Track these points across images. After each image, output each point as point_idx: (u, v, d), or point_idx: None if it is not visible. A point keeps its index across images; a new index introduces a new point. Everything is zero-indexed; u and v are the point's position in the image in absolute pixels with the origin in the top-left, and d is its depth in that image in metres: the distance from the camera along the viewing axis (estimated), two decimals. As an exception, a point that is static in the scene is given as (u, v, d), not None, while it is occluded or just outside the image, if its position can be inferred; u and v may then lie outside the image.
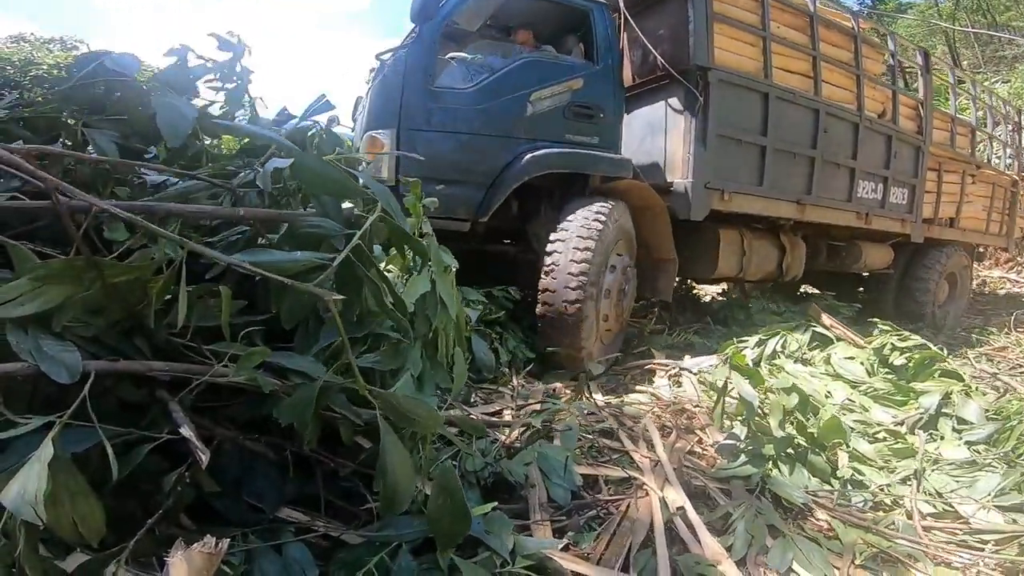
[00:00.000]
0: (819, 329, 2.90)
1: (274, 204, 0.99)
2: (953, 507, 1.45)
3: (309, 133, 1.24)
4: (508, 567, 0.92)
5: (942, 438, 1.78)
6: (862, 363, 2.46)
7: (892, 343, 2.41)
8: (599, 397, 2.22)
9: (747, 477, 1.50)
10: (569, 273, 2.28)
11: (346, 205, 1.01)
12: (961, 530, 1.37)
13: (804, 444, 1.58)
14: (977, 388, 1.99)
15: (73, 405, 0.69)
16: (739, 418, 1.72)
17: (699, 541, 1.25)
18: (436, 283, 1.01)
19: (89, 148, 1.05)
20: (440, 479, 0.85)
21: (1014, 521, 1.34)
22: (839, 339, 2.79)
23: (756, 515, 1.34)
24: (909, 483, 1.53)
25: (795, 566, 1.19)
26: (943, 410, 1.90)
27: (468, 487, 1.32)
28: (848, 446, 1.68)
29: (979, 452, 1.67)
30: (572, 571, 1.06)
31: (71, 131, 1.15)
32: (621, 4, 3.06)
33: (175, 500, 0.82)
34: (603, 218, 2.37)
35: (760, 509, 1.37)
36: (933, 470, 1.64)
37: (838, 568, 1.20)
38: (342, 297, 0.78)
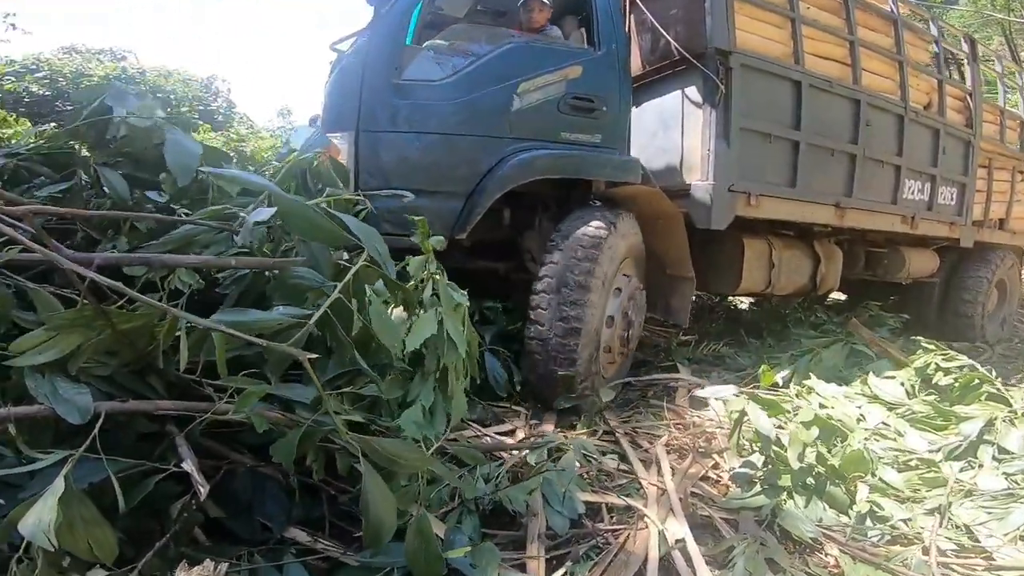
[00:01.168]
0: (859, 346, 2.97)
1: (276, 244, 1.08)
2: (979, 541, 1.49)
3: (314, 164, 1.33)
4: None
5: (980, 467, 1.82)
6: (902, 383, 2.53)
7: (936, 362, 2.34)
8: (613, 421, 2.30)
9: (757, 508, 1.57)
10: (560, 320, 2.10)
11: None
12: (981, 566, 1.41)
13: (823, 475, 1.67)
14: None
15: (85, 443, 0.80)
16: (757, 445, 1.70)
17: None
18: (444, 322, 1.09)
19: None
20: (416, 524, 0.94)
21: None
22: (879, 357, 2.85)
23: (759, 550, 1.39)
24: (934, 516, 1.57)
25: None
26: (985, 437, 1.94)
27: (467, 514, 1.42)
28: (873, 476, 1.73)
29: (1018, 483, 1.73)
30: None
31: (86, 166, 1.27)
32: None
33: (183, 524, 0.93)
34: (601, 241, 2.19)
35: (765, 542, 1.42)
36: (964, 501, 1.67)
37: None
38: (315, 356, 0.86)
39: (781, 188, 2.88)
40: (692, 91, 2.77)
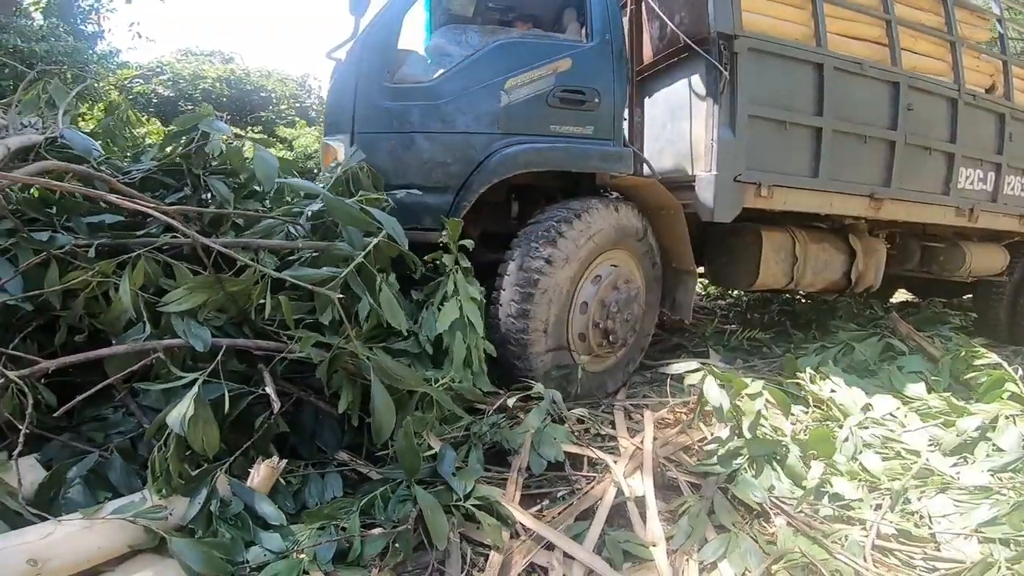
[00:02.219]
0: (894, 340, 3.15)
1: (328, 231, 1.65)
2: (931, 530, 1.69)
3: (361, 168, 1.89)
4: (461, 502, 1.55)
5: (974, 462, 2.06)
6: (926, 378, 2.77)
7: (966, 360, 2.40)
8: (620, 396, 2.76)
9: (717, 475, 1.92)
10: (512, 302, 2.35)
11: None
12: (918, 554, 1.61)
13: (783, 446, 1.99)
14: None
15: (207, 369, 1.36)
16: (728, 417, 2.03)
17: (645, 525, 1.71)
18: (464, 309, 1.63)
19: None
20: (404, 428, 1.42)
21: (990, 553, 1.53)
22: (914, 352, 3.07)
23: (710, 511, 1.76)
24: (887, 501, 1.81)
25: (723, 562, 1.54)
26: (987, 435, 2.17)
27: (473, 447, 1.95)
28: (854, 460, 2.01)
29: (1001, 480, 1.96)
30: (525, 522, 1.64)
31: (196, 178, 1.89)
32: None
33: (262, 435, 1.50)
34: (558, 233, 2.41)
35: (718, 506, 1.77)
36: (939, 493, 1.88)
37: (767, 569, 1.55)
38: (340, 295, 1.50)
39: (800, 178, 2.99)
40: (696, 79, 2.89)
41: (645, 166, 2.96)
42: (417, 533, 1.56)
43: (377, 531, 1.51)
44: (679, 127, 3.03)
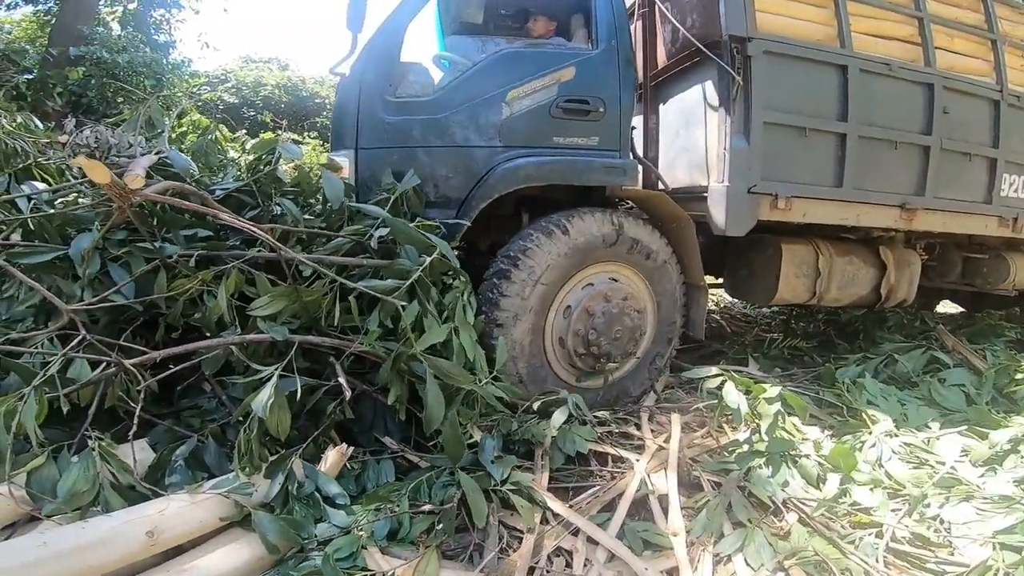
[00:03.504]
0: (939, 352, 3.11)
1: (387, 250, 2.06)
2: (948, 536, 1.73)
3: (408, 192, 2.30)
4: (498, 486, 1.76)
5: (1002, 473, 2.08)
6: (967, 391, 2.74)
7: (1010, 373, 2.41)
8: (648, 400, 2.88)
9: (736, 473, 2.04)
10: (488, 306, 2.41)
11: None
12: (930, 558, 1.66)
13: (796, 447, 2.11)
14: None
15: (283, 361, 1.68)
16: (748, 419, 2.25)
17: (666, 517, 1.86)
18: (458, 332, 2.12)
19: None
20: (451, 420, 1.62)
21: (1002, 559, 1.56)
22: (958, 364, 3.03)
23: (728, 507, 1.87)
24: (906, 506, 1.87)
25: (737, 556, 1.64)
26: (1019, 447, 2.18)
27: (508, 440, 2.19)
28: (879, 467, 2.06)
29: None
30: (555, 508, 1.83)
31: (269, 197, 2.14)
32: None
33: (329, 423, 1.75)
34: (534, 244, 2.42)
35: (736, 502, 1.88)
36: (962, 502, 1.90)
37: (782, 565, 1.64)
38: (402, 304, 1.85)
39: (822, 188, 2.86)
40: (709, 85, 2.78)
41: (656, 176, 2.92)
42: (459, 516, 1.77)
43: (426, 508, 1.73)
44: (692, 135, 2.94)
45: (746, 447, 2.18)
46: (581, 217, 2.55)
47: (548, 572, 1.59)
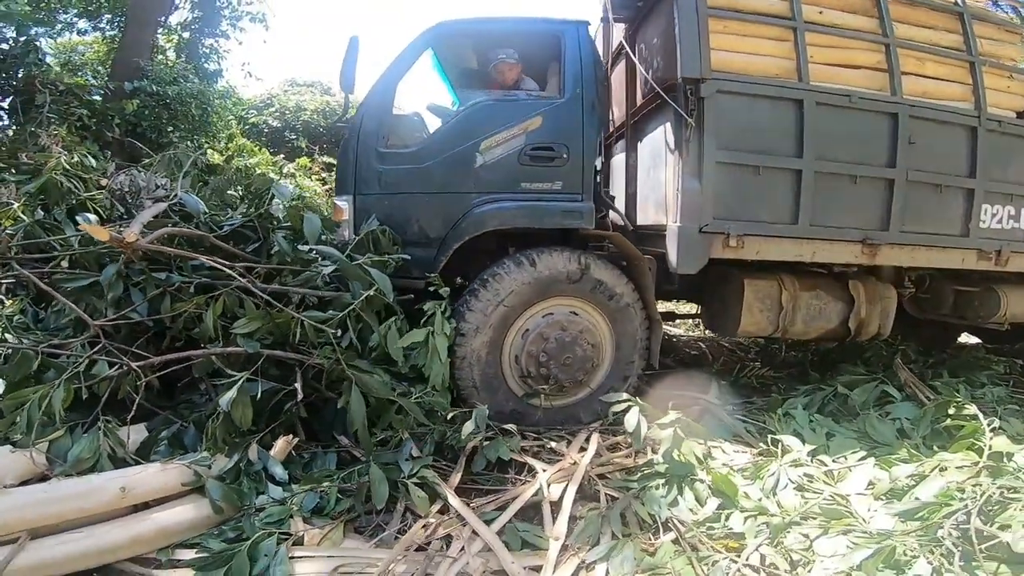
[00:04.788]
0: (890, 388, 3.09)
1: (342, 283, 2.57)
2: (804, 568, 1.83)
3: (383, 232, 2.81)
4: (406, 478, 2.18)
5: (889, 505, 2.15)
6: (901, 426, 2.77)
7: (947, 410, 2.44)
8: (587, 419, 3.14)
9: (631, 490, 2.28)
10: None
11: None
12: None
13: (689, 468, 2.30)
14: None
15: (252, 368, 2.27)
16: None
17: (553, 522, 2.13)
18: (433, 341, 2.56)
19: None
20: (361, 422, 2.22)
21: None
22: (906, 399, 3.03)
23: (607, 519, 2.09)
24: (766, 534, 1.98)
25: (601, 564, 1.87)
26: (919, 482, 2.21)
27: (430, 441, 2.55)
28: (751, 492, 2.21)
29: (907, 526, 1.96)
30: (451, 502, 2.18)
31: (267, 232, 2.61)
32: (608, 14, 3.21)
33: (286, 418, 2.35)
34: (497, 276, 2.74)
35: (615, 517, 2.10)
36: (840, 534, 1.97)
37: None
38: (335, 331, 2.33)
39: (776, 226, 2.88)
40: (668, 126, 2.88)
41: (620, 215, 3.13)
42: (369, 500, 2.15)
43: (342, 488, 2.17)
44: (657, 175, 3.07)
45: (645, 468, 2.39)
46: (550, 253, 2.83)
47: (428, 549, 1.94)
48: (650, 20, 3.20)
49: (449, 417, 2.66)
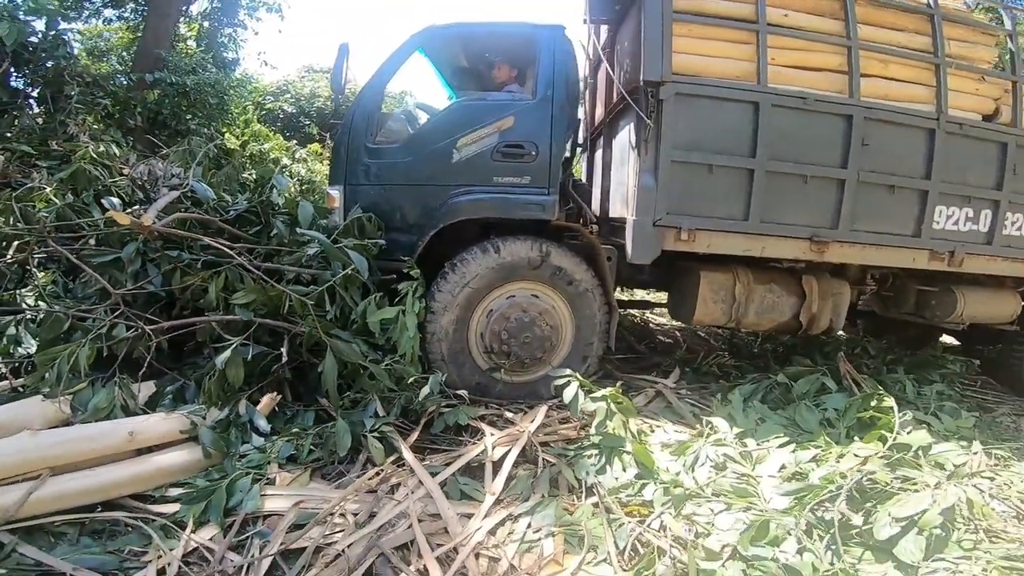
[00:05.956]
0: (828, 380, 3.22)
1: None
2: (698, 538, 2.00)
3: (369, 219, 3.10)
4: (367, 433, 2.48)
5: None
6: (829, 416, 2.90)
7: (871, 402, 2.65)
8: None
9: (567, 457, 2.54)
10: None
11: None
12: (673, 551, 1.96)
13: (620, 440, 2.51)
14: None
15: (245, 335, 2.64)
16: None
17: (492, 479, 2.40)
18: (403, 317, 2.80)
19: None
20: (330, 382, 2.52)
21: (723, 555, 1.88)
22: (841, 391, 3.16)
23: (539, 480, 2.35)
24: (680, 508, 2.17)
25: (524, 517, 2.11)
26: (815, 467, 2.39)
27: (398, 405, 2.82)
28: (670, 467, 2.43)
29: (802, 504, 2.12)
30: (405, 455, 2.47)
31: (269, 218, 2.90)
32: (587, 20, 3.31)
33: (273, 378, 2.75)
34: (464, 261, 2.96)
35: (545, 479, 2.36)
36: (743, 511, 2.17)
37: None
38: (312, 302, 2.67)
39: (727, 221, 2.99)
40: (632, 126, 3.01)
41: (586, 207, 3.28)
42: (334, 452, 2.46)
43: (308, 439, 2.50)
44: (622, 172, 3.23)
45: (588, 440, 2.60)
46: (514, 241, 3.04)
47: (377, 491, 2.24)
48: (625, 22, 3.29)
49: (416, 384, 2.92)
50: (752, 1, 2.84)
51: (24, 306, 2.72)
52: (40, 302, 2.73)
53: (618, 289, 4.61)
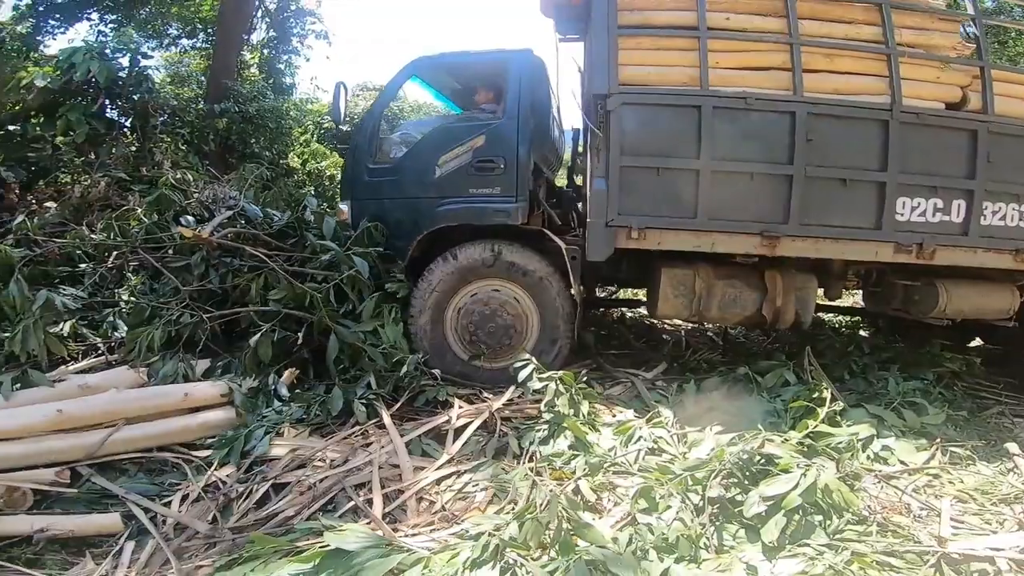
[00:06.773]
0: (788, 373, 3.32)
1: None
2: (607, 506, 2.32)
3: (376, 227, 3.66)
4: (355, 399, 3.04)
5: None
6: (775, 407, 3.02)
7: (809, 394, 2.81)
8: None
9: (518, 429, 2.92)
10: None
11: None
12: (589, 505, 2.31)
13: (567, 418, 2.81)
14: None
15: (273, 322, 3.40)
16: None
17: (452, 443, 2.85)
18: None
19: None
20: (333, 360, 3.15)
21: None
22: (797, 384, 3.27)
23: (489, 445, 2.78)
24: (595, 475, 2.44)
25: (472, 473, 2.52)
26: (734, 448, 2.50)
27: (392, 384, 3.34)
28: (606, 445, 2.67)
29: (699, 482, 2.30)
30: (384, 419, 2.98)
31: (304, 232, 3.61)
32: (558, 38, 3.56)
33: (295, 357, 3.50)
34: (439, 263, 3.36)
35: (492, 446, 2.77)
36: (662, 484, 2.36)
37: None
38: (321, 296, 3.38)
39: (676, 219, 3.11)
40: (589, 134, 3.19)
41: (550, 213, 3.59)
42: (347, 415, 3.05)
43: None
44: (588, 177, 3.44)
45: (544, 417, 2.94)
46: (469, 247, 3.44)
47: (354, 443, 2.78)
48: (587, 38, 3.48)
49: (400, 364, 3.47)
50: (694, 8, 2.92)
51: (120, 301, 3.65)
52: (132, 298, 3.66)
53: (609, 287, 4.86)
